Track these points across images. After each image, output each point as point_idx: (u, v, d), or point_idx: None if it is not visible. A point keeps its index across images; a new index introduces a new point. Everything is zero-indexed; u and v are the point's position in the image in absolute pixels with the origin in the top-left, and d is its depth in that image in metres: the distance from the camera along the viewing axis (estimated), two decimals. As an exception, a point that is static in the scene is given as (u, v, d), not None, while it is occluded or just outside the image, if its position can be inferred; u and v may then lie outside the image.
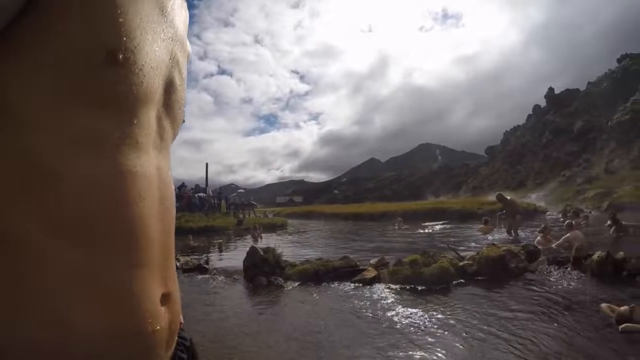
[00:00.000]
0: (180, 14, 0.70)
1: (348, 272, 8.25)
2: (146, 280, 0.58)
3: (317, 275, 8.30)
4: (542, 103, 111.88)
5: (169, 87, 0.67)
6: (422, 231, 18.99)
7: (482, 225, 16.14)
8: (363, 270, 8.21)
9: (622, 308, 4.85)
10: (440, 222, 23.81)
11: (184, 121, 0.77)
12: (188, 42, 0.79)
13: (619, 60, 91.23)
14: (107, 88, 0.53)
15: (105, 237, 0.53)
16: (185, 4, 0.75)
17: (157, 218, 0.62)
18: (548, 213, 26.83)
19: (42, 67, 0.50)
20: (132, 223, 0.56)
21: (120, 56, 0.53)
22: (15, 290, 0.47)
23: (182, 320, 0.81)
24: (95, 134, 0.53)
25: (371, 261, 8.70)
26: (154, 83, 0.61)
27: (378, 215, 32.54)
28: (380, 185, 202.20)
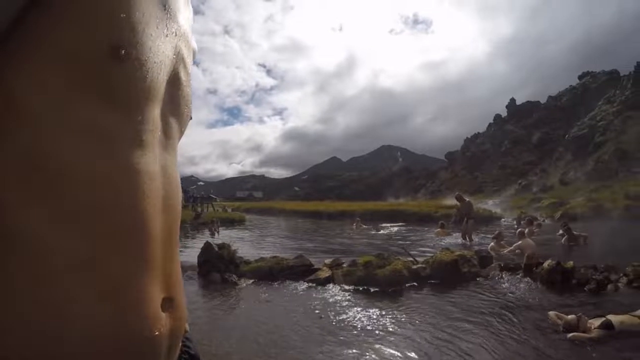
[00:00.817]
0: (184, 11, 0.69)
1: (302, 271, 8.15)
2: (147, 281, 0.56)
3: (271, 273, 8.18)
4: (504, 113, 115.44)
5: (174, 83, 0.66)
6: (379, 232, 19.05)
7: (439, 229, 16.41)
8: (317, 270, 8.11)
9: (570, 317, 4.92)
10: (398, 224, 23.99)
11: (190, 118, 0.75)
12: (193, 39, 0.76)
13: (580, 77, 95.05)
14: (111, 84, 0.53)
15: (106, 233, 0.52)
16: (189, 2, 0.73)
17: (161, 217, 0.60)
18: (503, 219, 27.52)
19: (47, 64, 0.50)
20: (133, 221, 0.55)
21: (123, 51, 0.53)
22: (16, 282, 0.48)
23: (188, 328, 0.79)
24: (99, 131, 0.52)
25: (326, 261, 8.58)
26: (158, 79, 0.60)
27: (337, 214, 32.55)
28: (341, 185, 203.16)
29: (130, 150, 0.55)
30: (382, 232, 19.26)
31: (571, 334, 4.69)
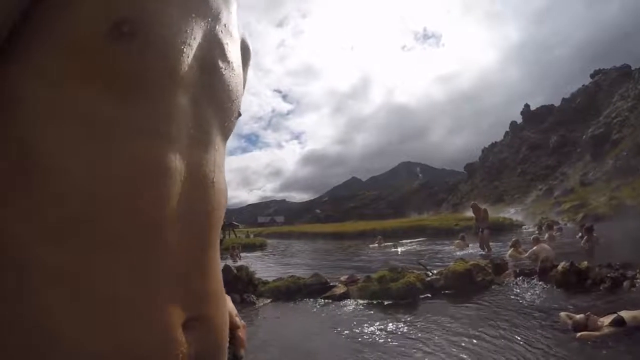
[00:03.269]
0: None
1: (319, 288, 8.30)
2: (157, 298, 0.49)
3: (288, 292, 8.35)
4: (519, 120, 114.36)
5: (210, 71, 0.60)
6: (399, 249, 19.02)
7: (458, 241, 16.34)
8: (333, 287, 8.25)
9: (578, 316, 4.95)
10: (418, 239, 23.92)
11: (240, 114, 0.71)
12: (238, 28, 0.73)
13: (592, 76, 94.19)
14: (116, 65, 0.48)
15: (103, 241, 0.46)
16: None
17: (180, 223, 0.52)
18: (524, 227, 27.24)
19: (44, 52, 0.47)
20: (140, 226, 0.48)
21: (127, 28, 0.48)
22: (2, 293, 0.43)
23: (243, 353, 0.75)
24: (100, 121, 0.48)
25: (341, 278, 8.72)
26: (182, 63, 0.54)
27: (358, 234, 32.55)
28: (362, 204, 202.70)
29: (139, 143, 0.50)
30: (401, 248, 19.24)
31: (580, 334, 4.72)
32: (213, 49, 0.61)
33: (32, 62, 0.47)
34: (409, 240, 23.43)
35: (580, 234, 14.03)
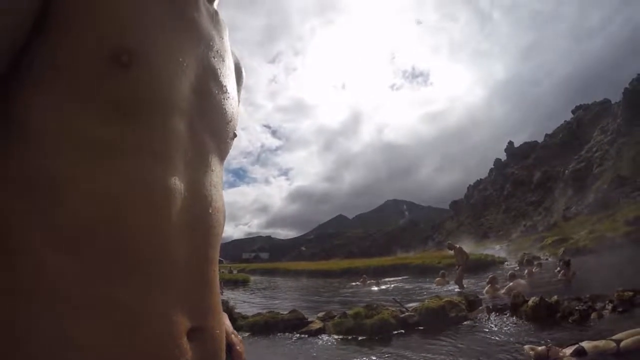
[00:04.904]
0: (207, 22, 0.69)
1: (296, 324, 8.38)
2: (161, 306, 0.52)
3: (267, 326, 8.47)
4: (504, 157, 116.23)
5: (204, 96, 0.63)
6: (380, 287, 18.97)
7: (439, 278, 16.47)
8: (310, 322, 8.33)
9: (540, 348, 5.12)
10: (402, 277, 23.98)
11: (235, 135, 0.74)
12: (233, 55, 0.78)
13: (573, 112, 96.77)
14: (115, 92, 0.52)
15: (110, 253, 0.49)
16: (220, 17, 0.74)
17: (182, 238, 0.55)
18: (506, 263, 27.35)
19: (48, 81, 0.51)
20: (143, 241, 0.51)
21: (126, 57, 0.52)
22: (13, 301, 0.45)
23: None
24: (101, 143, 0.51)
25: (319, 314, 8.84)
26: (176, 88, 0.57)
27: (342, 272, 32.42)
28: (348, 242, 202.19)
29: (139, 164, 0.52)
30: (384, 286, 19.24)
31: (540, 364, 4.88)
32: (207, 75, 0.65)
33: (35, 87, 0.51)
34: (392, 278, 23.41)
35: (558, 268, 14.27)
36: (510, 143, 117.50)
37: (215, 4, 0.74)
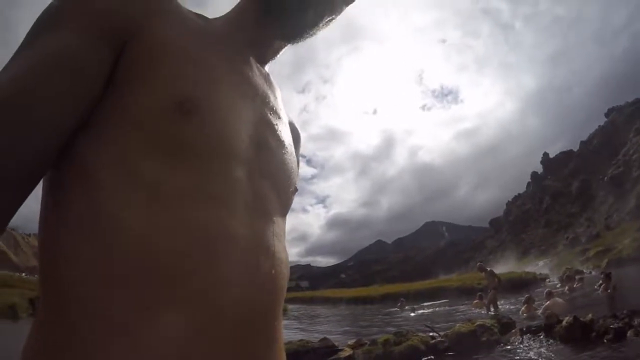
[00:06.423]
0: (265, 84, 0.74)
1: (326, 352, 8.39)
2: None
3: (297, 355, 8.44)
4: (540, 169, 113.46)
5: (262, 146, 0.65)
6: (414, 313, 18.60)
7: (476, 301, 16.09)
8: (340, 350, 8.32)
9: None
10: (441, 300, 23.54)
11: (296, 189, 0.75)
12: (286, 114, 0.81)
13: (606, 115, 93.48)
14: (178, 139, 0.55)
15: (162, 297, 0.50)
16: (272, 79, 0.79)
17: (244, 289, 0.55)
18: (548, 280, 26.42)
19: (114, 131, 0.54)
20: (197, 287, 0.51)
21: (188, 105, 0.55)
22: (67, 342, 0.48)
23: None
24: (163, 188, 0.53)
25: (349, 342, 8.81)
26: (235, 137, 0.60)
27: (381, 298, 32.08)
28: (388, 267, 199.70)
29: (202, 209, 0.53)
30: (421, 311, 18.90)
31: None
32: (263, 127, 0.67)
33: (100, 138, 0.54)
34: (430, 302, 23.04)
35: (600, 282, 13.74)
36: (545, 154, 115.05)
37: (267, 68, 0.79)
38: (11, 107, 0.48)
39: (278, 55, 0.80)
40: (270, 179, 0.65)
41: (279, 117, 0.73)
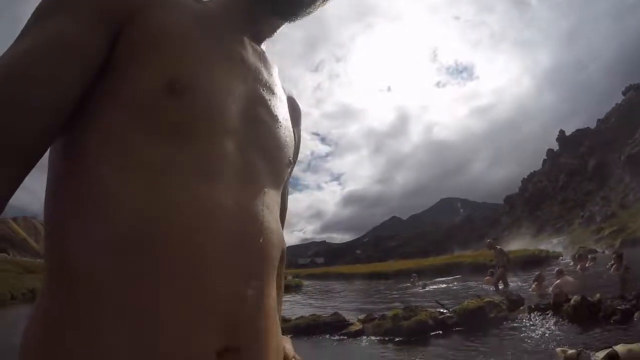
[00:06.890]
0: (259, 61, 0.75)
1: (337, 326, 8.68)
2: (196, 323, 0.52)
3: (308, 328, 8.78)
4: (556, 147, 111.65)
5: (253, 121, 0.67)
6: (426, 288, 18.70)
7: (488, 277, 16.13)
8: (351, 324, 8.61)
9: (570, 352, 5.04)
10: (454, 276, 23.64)
11: (290, 162, 0.76)
12: (285, 90, 0.84)
13: (624, 93, 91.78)
14: (170, 117, 0.57)
15: (150, 260, 0.52)
16: (267, 57, 0.79)
17: (233, 254, 0.57)
18: (561, 258, 26.23)
19: (107, 111, 0.57)
20: (185, 254, 0.53)
21: (179, 85, 0.57)
22: (64, 317, 0.51)
23: None
24: (153, 163, 0.55)
25: (359, 316, 9.12)
26: (225, 113, 0.62)
27: (395, 273, 32.26)
28: (403, 243, 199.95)
29: (190, 182, 0.56)
30: (432, 287, 18.98)
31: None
32: (255, 103, 0.69)
33: (97, 115, 0.57)
34: (443, 278, 23.13)
35: (612, 262, 13.68)
36: (562, 132, 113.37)
37: (263, 46, 0.80)
38: (7, 86, 0.50)
39: (275, 33, 0.81)
40: (261, 151, 0.67)
41: (273, 93, 0.75)
